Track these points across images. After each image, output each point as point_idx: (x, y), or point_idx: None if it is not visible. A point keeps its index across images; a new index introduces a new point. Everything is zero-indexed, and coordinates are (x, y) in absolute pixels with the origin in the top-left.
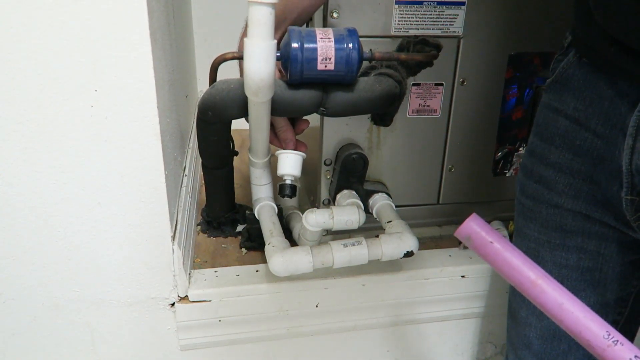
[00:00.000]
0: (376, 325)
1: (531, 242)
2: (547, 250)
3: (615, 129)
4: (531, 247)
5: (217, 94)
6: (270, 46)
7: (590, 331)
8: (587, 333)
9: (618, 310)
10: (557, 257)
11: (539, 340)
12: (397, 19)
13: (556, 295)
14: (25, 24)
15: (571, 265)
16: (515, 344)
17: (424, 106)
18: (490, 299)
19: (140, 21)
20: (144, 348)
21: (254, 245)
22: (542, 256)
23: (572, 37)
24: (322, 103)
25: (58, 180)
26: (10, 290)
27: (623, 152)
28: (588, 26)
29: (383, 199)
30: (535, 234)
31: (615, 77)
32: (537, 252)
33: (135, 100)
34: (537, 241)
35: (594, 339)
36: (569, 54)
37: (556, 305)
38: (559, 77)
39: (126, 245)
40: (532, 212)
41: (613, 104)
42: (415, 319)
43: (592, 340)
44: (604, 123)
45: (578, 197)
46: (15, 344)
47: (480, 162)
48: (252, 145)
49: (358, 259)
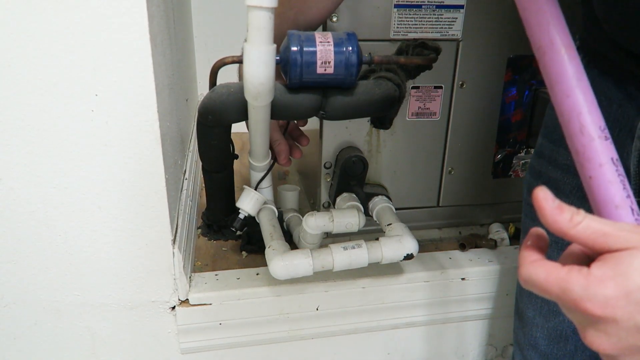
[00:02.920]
0: (377, 328)
1: None
2: (554, 250)
3: (623, 131)
4: None
5: (217, 98)
6: (269, 50)
7: (590, 117)
8: (585, 118)
9: None
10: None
11: (545, 341)
12: (396, 22)
13: (572, 70)
14: (26, 30)
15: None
16: (522, 344)
17: (423, 109)
18: (491, 301)
19: (140, 26)
20: (145, 351)
21: (254, 249)
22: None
23: (581, 42)
24: (321, 107)
25: (59, 184)
26: (11, 294)
27: (631, 154)
28: (596, 32)
29: (383, 201)
30: None
31: (624, 81)
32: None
33: (135, 104)
34: None
35: (588, 125)
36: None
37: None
38: None
39: (127, 249)
40: None
41: (622, 107)
42: (416, 321)
43: (587, 126)
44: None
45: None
46: (16, 347)
47: (480, 164)
48: (252, 148)
49: (358, 261)
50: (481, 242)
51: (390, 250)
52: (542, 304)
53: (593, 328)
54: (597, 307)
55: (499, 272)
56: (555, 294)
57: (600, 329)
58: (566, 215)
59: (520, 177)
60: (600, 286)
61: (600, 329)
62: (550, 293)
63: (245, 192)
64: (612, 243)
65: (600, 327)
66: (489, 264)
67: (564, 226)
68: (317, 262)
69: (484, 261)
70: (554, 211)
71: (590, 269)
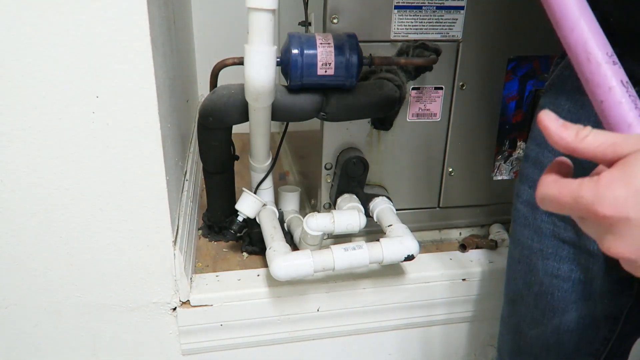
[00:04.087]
0: (377, 329)
1: (524, 249)
2: (539, 258)
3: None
4: (524, 254)
5: (218, 100)
6: (270, 52)
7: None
8: (591, 45)
9: (609, 326)
10: (549, 267)
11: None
12: (397, 23)
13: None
14: (27, 32)
15: (563, 276)
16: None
17: (423, 110)
18: (491, 302)
19: (141, 28)
20: (146, 353)
21: (255, 250)
22: (534, 264)
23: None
24: (322, 108)
25: (60, 186)
26: (12, 295)
27: None
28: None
29: (384, 202)
30: (528, 242)
31: None
32: (529, 259)
33: (136, 106)
34: (530, 249)
35: (595, 52)
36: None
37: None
38: (555, 80)
39: (128, 250)
40: (527, 218)
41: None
42: (416, 322)
43: (593, 53)
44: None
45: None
46: (18, 348)
47: (481, 165)
48: (253, 149)
49: (359, 262)
50: (482, 242)
51: (391, 251)
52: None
53: (609, 233)
54: (607, 208)
55: (499, 273)
56: (568, 205)
57: (615, 232)
58: (571, 132)
59: None
60: (610, 188)
61: (615, 231)
62: (564, 205)
63: (243, 195)
64: (621, 151)
65: (615, 230)
66: (489, 265)
67: (571, 141)
68: (317, 263)
69: (484, 262)
70: (560, 129)
71: (599, 175)
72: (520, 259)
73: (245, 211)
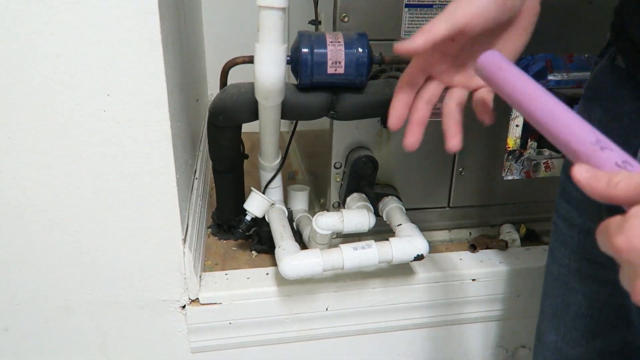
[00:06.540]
0: (386, 329)
1: (562, 267)
2: (577, 279)
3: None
4: (562, 273)
5: (228, 98)
6: (280, 50)
7: (577, 136)
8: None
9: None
10: (587, 289)
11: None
12: (407, 22)
13: (549, 103)
14: (38, 30)
15: (602, 300)
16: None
17: (434, 109)
18: (502, 302)
19: (152, 26)
20: (155, 350)
21: (264, 248)
22: (571, 285)
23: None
24: (332, 107)
25: (70, 184)
26: (22, 292)
27: None
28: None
29: (393, 202)
30: (565, 260)
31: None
32: (566, 279)
33: (147, 104)
34: (567, 267)
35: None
36: (604, 56)
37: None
38: (591, 84)
39: (137, 248)
40: (564, 235)
41: (632, 121)
42: (426, 322)
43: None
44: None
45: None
46: (28, 346)
47: (491, 165)
48: (262, 148)
49: (368, 262)
50: (492, 243)
51: (401, 250)
52: (565, 330)
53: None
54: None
55: (509, 274)
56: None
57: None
58: (602, 182)
59: (531, 178)
60: (631, 220)
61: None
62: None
63: (252, 195)
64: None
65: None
66: (499, 265)
67: (604, 190)
68: (326, 262)
69: (494, 262)
70: (590, 181)
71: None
72: (557, 278)
73: (253, 210)
